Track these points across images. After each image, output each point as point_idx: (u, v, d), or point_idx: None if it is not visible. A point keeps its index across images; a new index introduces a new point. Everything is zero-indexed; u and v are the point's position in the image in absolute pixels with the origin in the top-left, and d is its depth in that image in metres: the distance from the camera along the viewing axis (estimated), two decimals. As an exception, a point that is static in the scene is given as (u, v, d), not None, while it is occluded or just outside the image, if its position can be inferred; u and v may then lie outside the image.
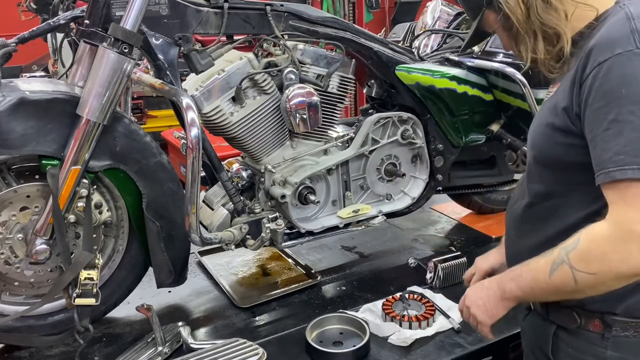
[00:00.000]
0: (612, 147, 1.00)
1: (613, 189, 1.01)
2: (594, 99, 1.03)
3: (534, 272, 1.14)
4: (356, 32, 2.07)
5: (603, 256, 1.02)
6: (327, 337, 1.74)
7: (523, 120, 2.19)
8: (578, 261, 1.05)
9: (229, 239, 1.87)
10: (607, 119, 1.01)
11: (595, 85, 1.03)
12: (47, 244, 1.66)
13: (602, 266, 1.02)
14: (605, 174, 1.01)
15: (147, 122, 4.99)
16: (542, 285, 1.12)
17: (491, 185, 2.55)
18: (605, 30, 1.07)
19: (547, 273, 1.09)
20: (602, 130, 1.02)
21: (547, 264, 1.10)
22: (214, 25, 1.83)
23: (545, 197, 1.21)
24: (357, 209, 2.08)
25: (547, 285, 1.11)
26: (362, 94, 4.95)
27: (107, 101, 1.61)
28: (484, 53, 2.22)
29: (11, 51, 1.68)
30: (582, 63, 1.07)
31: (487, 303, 1.24)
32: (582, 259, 1.05)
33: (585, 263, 1.04)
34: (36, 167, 1.66)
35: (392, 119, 2.11)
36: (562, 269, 1.07)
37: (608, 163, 1.00)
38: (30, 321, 1.75)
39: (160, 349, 1.68)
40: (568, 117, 1.10)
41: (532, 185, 1.25)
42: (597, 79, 1.03)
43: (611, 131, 1.00)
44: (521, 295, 1.18)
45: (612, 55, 1.02)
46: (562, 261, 1.07)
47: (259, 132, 1.89)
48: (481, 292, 1.27)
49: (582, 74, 1.06)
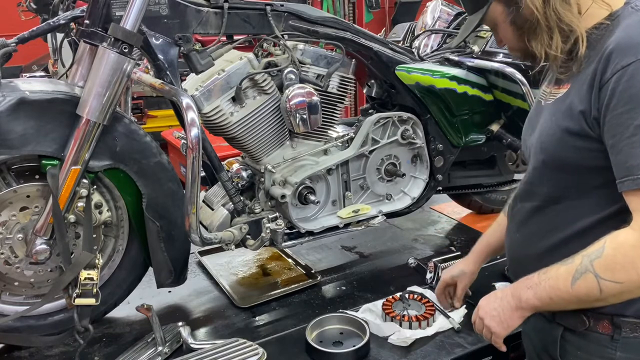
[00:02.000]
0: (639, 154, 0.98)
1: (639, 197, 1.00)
2: (617, 103, 1.01)
3: (554, 280, 1.11)
4: (356, 32, 2.07)
5: (631, 264, 1.00)
6: (327, 337, 1.73)
7: (523, 121, 2.17)
8: (604, 269, 1.03)
9: (229, 239, 1.87)
10: (632, 124, 0.99)
11: (619, 90, 1.01)
12: (47, 244, 1.66)
13: (630, 274, 1.01)
14: (631, 181, 0.99)
15: (147, 122, 4.99)
16: (563, 294, 1.09)
17: (491, 185, 2.55)
18: (624, 33, 1.05)
19: (569, 282, 1.07)
20: (627, 136, 1.00)
21: (568, 273, 1.08)
22: (214, 25, 1.83)
23: (556, 201, 1.19)
24: (357, 209, 2.08)
25: (568, 294, 1.08)
26: (362, 94, 4.95)
27: (107, 101, 1.61)
28: (484, 53, 2.22)
29: (11, 51, 1.68)
30: (602, 66, 1.05)
31: (502, 314, 1.21)
32: (609, 268, 1.03)
33: (611, 271, 1.02)
34: (36, 167, 1.66)
35: (392, 119, 2.11)
36: (587, 278, 1.04)
37: (635, 170, 0.99)
38: (30, 321, 1.75)
39: (160, 349, 1.68)
40: (585, 121, 1.08)
41: (541, 189, 1.23)
42: (620, 83, 1.01)
43: (638, 137, 0.99)
44: (539, 305, 1.15)
45: (637, 60, 1.00)
46: (586, 269, 1.05)
47: (259, 132, 1.89)
48: (495, 302, 1.24)
49: (602, 78, 1.04)
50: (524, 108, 2.10)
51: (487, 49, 2.22)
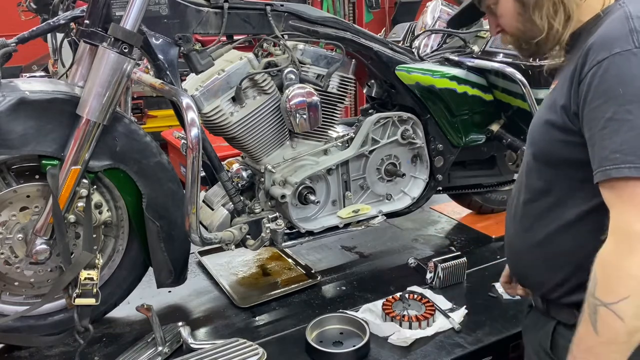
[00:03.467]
0: (609, 146, 0.99)
1: (610, 189, 1.00)
2: (592, 97, 1.03)
3: (582, 340, 1.02)
4: (356, 32, 2.07)
5: (620, 271, 0.96)
6: (327, 337, 1.74)
7: (523, 120, 2.19)
8: (605, 293, 0.97)
9: (229, 239, 1.87)
10: (604, 117, 1.00)
11: (594, 84, 1.03)
12: (47, 244, 1.66)
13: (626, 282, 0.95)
14: (601, 172, 1.00)
15: (147, 122, 4.99)
16: (596, 345, 0.99)
17: (491, 185, 2.55)
18: (604, 29, 1.07)
19: (592, 330, 0.99)
20: (599, 129, 1.01)
21: (586, 323, 1.00)
22: (214, 25, 1.82)
23: (544, 194, 1.20)
24: (357, 209, 2.08)
25: (600, 343, 0.99)
26: (362, 94, 4.95)
27: (107, 101, 1.61)
28: (484, 53, 2.22)
29: (11, 51, 1.68)
30: (581, 61, 1.06)
31: None
32: (607, 288, 0.97)
33: (612, 291, 0.97)
34: (36, 167, 1.66)
35: (392, 119, 2.11)
36: (601, 315, 0.98)
37: (604, 161, 1.00)
38: (30, 321, 1.75)
39: (160, 349, 1.68)
40: (566, 115, 1.10)
41: (531, 182, 1.24)
42: (595, 78, 1.03)
43: (608, 130, 1.00)
44: None
45: (610, 55, 1.02)
46: (594, 306, 0.98)
47: (259, 132, 1.89)
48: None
49: (580, 72, 1.06)
50: (524, 108, 2.10)
51: (487, 49, 2.22)
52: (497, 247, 2.38)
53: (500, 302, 1.94)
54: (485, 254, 2.32)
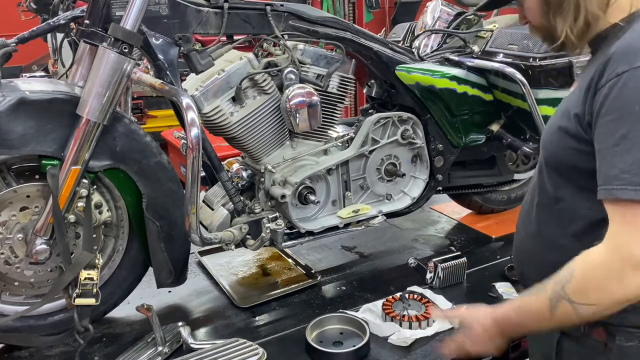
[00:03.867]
0: (618, 164, 0.98)
1: (614, 207, 0.99)
2: (607, 110, 1.01)
3: (535, 315, 1.10)
4: (356, 32, 2.07)
5: (600, 284, 0.99)
6: (327, 337, 1.74)
7: (523, 120, 2.19)
8: (576, 293, 1.02)
9: (229, 239, 1.87)
10: (617, 133, 0.98)
11: (610, 97, 1.00)
12: (47, 244, 1.66)
13: (601, 295, 0.99)
14: (607, 190, 0.99)
15: (147, 122, 4.99)
16: (547, 323, 1.09)
17: (491, 185, 2.55)
18: (627, 38, 1.04)
19: (547, 310, 1.06)
20: (611, 145, 0.99)
21: (544, 301, 1.06)
22: (214, 25, 1.82)
23: (554, 200, 1.19)
24: (357, 209, 2.08)
25: (551, 322, 1.08)
26: (362, 94, 4.95)
27: (107, 101, 1.61)
28: (484, 53, 2.22)
29: (11, 51, 1.68)
30: (600, 70, 1.04)
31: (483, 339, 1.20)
32: (580, 291, 1.01)
33: (584, 295, 1.01)
34: (36, 167, 1.66)
35: (392, 119, 2.11)
36: (563, 306, 1.03)
37: (612, 180, 0.98)
38: (30, 321, 1.75)
39: (160, 349, 1.68)
40: (579, 124, 1.08)
41: (542, 186, 1.22)
42: (612, 90, 1.00)
43: (620, 147, 0.98)
44: (522, 333, 1.17)
45: (631, 68, 0.99)
46: (559, 297, 1.03)
47: (259, 132, 1.89)
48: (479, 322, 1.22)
49: (597, 82, 1.04)
50: (524, 108, 2.10)
51: (487, 49, 2.22)
52: (497, 247, 2.39)
53: (500, 302, 1.94)
54: (485, 254, 2.32)
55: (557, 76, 2.08)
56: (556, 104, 2.12)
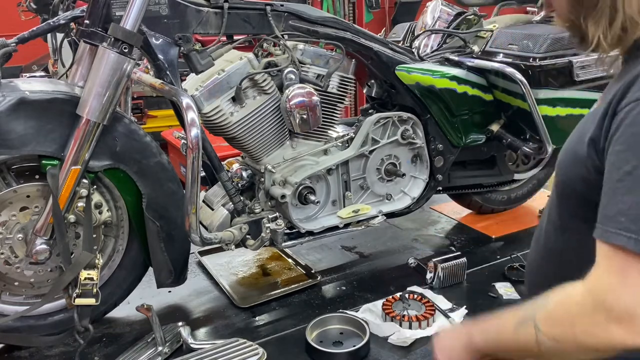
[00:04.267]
0: (617, 204, 0.88)
1: (604, 249, 0.90)
2: (619, 138, 0.90)
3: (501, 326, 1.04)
4: (356, 32, 2.07)
5: (568, 321, 0.91)
6: (327, 337, 1.74)
7: (523, 120, 2.19)
8: (543, 321, 0.94)
9: (229, 239, 1.87)
10: (623, 168, 0.88)
11: (625, 123, 0.89)
12: (47, 244, 1.66)
13: (565, 333, 0.91)
14: (602, 230, 0.90)
15: (147, 122, 4.98)
16: (507, 340, 1.02)
17: (491, 185, 2.55)
18: None
19: (512, 328, 0.99)
20: (615, 180, 0.89)
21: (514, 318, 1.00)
22: (214, 25, 1.82)
23: (560, 230, 1.10)
24: (357, 209, 2.08)
25: (511, 341, 1.01)
26: (362, 94, 4.95)
27: (107, 101, 1.61)
28: (484, 53, 2.22)
29: (11, 51, 1.68)
30: (623, 89, 0.92)
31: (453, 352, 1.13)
32: (548, 321, 0.94)
33: (550, 326, 0.94)
34: (36, 167, 1.66)
35: (392, 119, 2.11)
36: (527, 327, 0.96)
37: (608, 221, 0.89)
38: (30, 321, 1.75)
39: (160, 349, 1.68)
40: (595, 149, 0.96)
41: (552, 210, 1.14)
42: (629, 116, 0.89)
43: (623, 185, 0.88)
44: (485, 347, 1.07)
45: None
46: (528, 318, 0.97)
47: (259, 132, 1.89)
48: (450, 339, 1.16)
49: (617, 105, 0.92)
50: (524, 108, 2.10)
51: (487, 49, 2.22)
52: (497, 247, 2.39)
53: (500, 302, 1.94)
54: (485, 254, 2.32)
55: (557, 76, 2.09)
56: (556, 104, 2.12)
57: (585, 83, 2.12)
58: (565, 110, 2.14)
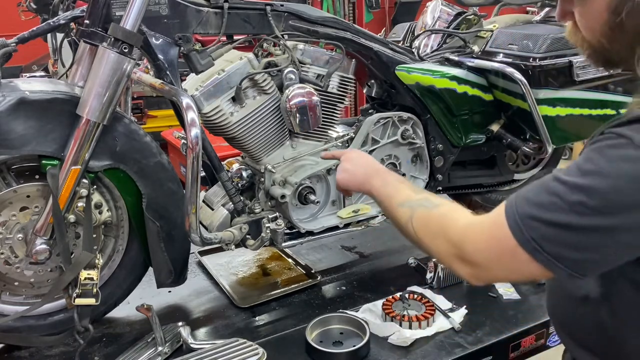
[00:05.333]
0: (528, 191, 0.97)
1: (501, 214, 0.98)
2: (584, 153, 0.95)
3: (392, 193, 1.22)
4: (356, 32, 2.07)
5: (433, 234, 1.08)
6: (327, 337, 1.74)
7: (523, 120, 2.19)
8: (419, 218, 1.12)
9: (229, 239, 1.87)
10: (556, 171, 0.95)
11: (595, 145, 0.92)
12: (47, 244, 1.65)
13: (426, 237, 1.09)
14: (510, 201, 0.98)
15: (147, 122, 4.99)
16: (389, 207, 1.22)
17: (491, 185, 2.55)
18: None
19: (397, 202, 1.19)
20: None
21: (404, 196, 1.19)
22: (214, 25, 1.82)
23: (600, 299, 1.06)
24: (357, 209, 2.08)
25: (391, 209, 1.20)
26: (362, 94, 4.95)
27: (107, 101, 1.60)
28: (484, 53, 2.22)
29: (11, 51, 1.68)
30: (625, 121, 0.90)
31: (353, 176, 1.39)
32: (422, 219, 1.11)
33: (420, 224, 1.11)
34: (36, 167, 1.66)
35: (392, 119, 2.11)
36: (407, 210, 1.15)
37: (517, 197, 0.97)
38: (30, 321, 1.75)
39: (160, 349, 1.68)
40: None
41: None
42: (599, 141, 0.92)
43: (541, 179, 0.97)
44: (376, 196, 1.28)
45: None
46: (412, 205, 1.14)
47: (259, 132, 1.89)
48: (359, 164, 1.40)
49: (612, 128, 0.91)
50: (524, 108, 2.10)
51: (487, 49, 2.22)
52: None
53: (500, 302, 1.94)
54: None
55: (557, 76, 2.09)
56: (556, 104, 2.12)
57: (585, 83, 2.12)
58: (565, 110, 2.14)
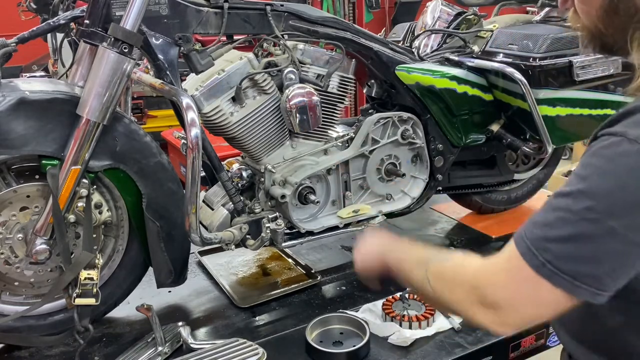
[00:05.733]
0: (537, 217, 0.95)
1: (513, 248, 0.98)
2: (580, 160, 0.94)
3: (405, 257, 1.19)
4: (356, 32, 2.07)
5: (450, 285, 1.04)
6: (327, 337, 1.74)
7: (523, 120, 2.19)
8: (434, 274, 1.08)
9: (229, 239, 1.87)
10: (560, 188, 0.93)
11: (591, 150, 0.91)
12: (47, 244, 1.65)
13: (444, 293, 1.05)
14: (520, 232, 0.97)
15: (147, 122, 4.99)
16: (405, 271, 1.17)
17: (491, 185, 2.55)
18: None
19: (411, 265, 1.15)
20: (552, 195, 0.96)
21: (416, 256, 1.16)
22: (214, 25, 1.82)
23: None
24: (357, 209, 2.08)
25: (407, 273, 1.16)
26: (362, 94, 4.95)
27: (107, 101, 1.61)
28: (484, 53, 2.22)
29: (11, 51, 1.68)
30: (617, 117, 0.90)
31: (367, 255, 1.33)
32: (438, 275, 1.07)
33: (436, 280, 1.07)
34: (36, 167, 1.66)
35: (392, 119, 2.11)
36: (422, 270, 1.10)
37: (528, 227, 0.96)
38: (30, 321, 1.75)
39: (160, 349, 1.68)
40: None
41: None
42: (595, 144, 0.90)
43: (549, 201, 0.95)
44: (390, 265, 1.24)
45: None
46: (426, 263, 1.11)
47: (259, 132, 1.89)
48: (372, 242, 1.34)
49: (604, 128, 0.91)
50: (524, 108, 2.10)
51: (487, 49, 2.22)
52: (497, 247, 2.37)
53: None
54: (485, 254, 2.31)
55: (557, 76, 2.09)
56: (556, 104, 2.13)
57: (585, 83, 2.12)
58: (565, 110, 2.14)
